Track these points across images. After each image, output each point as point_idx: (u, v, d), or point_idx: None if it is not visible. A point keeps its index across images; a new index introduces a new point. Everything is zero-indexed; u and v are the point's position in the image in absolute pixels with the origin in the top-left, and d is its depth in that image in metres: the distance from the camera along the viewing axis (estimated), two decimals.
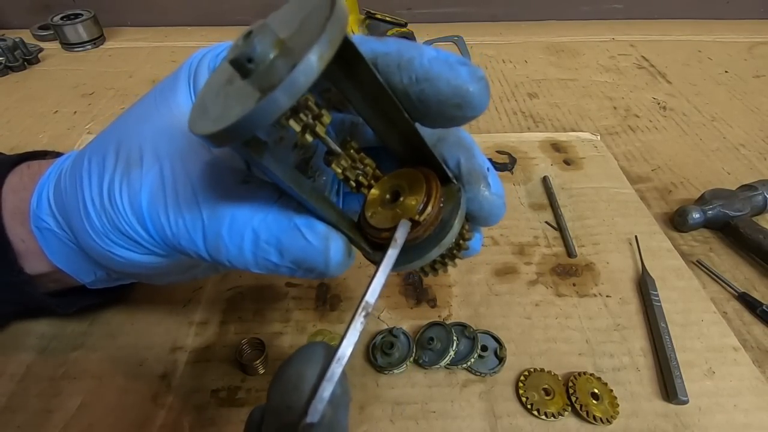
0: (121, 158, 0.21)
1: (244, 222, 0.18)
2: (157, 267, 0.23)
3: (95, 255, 0.23)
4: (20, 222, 0.26)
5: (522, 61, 0.76)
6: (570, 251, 0.42)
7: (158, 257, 0.22)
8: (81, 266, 0.26)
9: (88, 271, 0.27)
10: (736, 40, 0.83)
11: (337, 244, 0.18)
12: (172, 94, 0.22)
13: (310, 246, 0.18)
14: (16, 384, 0.32)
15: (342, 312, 0.37)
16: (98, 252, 0.22)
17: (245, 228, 0.18)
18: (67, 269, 0.26)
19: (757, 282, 0.40)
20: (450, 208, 0.19)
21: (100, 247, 0.22)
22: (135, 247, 0.21)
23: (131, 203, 0.20)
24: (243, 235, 0.18)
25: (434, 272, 0.21)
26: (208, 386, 0.32)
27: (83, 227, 0.22)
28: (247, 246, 0.18)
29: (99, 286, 0.30)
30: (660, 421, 0.31)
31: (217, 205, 0.18)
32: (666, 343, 0.34)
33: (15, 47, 0.70)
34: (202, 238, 0.19)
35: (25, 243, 0.26)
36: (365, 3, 0.65)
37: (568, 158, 0.53)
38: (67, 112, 0.61)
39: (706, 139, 0.58)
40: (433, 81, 0.17)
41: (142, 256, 0.22)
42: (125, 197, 0.20)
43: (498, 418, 0.31)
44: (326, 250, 0.18)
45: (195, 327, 0.35)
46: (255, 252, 0.18)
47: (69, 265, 0.26)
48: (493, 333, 0.35)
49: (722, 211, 0.43)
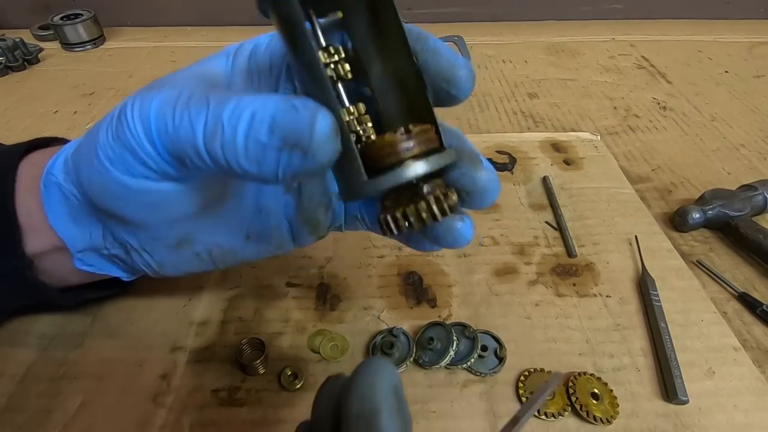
0: (144, 88, 0.21)
1: (246, 105, 0.18)
2: (155, 201, 0.23)
3: (92, 185, 0.23)
4: (32, 195, 0.26)
5: (522, 61, 0.76)
6: (570, 251, 0.42)
7: (156, 181, 0.21)
8: (79, 225, 0.26)
9: (83, 233, 0.26)
10: (736, 40, 0.83)
11: (325, 117, 0.18)
12: (208, 60, 0.24)
13: (298, 117, 0.17)
14: (16, 384, 0.32)
15: (342, 312, 0.37)
16: (96, 179, 0.22)
17: (245, 110, 0.18)
18: (61, 230, 0.26)
19: (757, 282, 0.40)
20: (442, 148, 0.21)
21: (99, 170, 0.21)
22: (142, 170, 0.21)
23: (141, 113, 0.20)
24: (241, 116, 0.18)
25: (405, 220, 0.20)
26: (208, 386, 0.32)
27: (88, 154, 0.22)
28: (242, 126, 0.18)
29: (86, 265, 0.28)
30: (660, 421, 0.31)
31: (226, 96, 0.19)
32: (666, 343, 0.34)
33: (15, 47, 0.70)
34: (202, 125, 0.19)
35: (30, 216, 0.26)
36: None
37: (568, 158, 0.53)
38: (67, 112, 0.62)
39: (706, 139, 0.58)
40: (438, 55, 0.21)
41: (140, 180, 0.21)
42: (137, 109, 0.20)
43: (498, 418, 0.31)
44: (313, 120, 0.17)
45: (195, 327, 0.35)
46: (248, 132, 0.18)
47: (65, 226, 0.26)
48: (493, 333, 0.35)
49: (722, 211, 0.43)
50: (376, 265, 0.40)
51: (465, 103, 0.65)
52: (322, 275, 0.39)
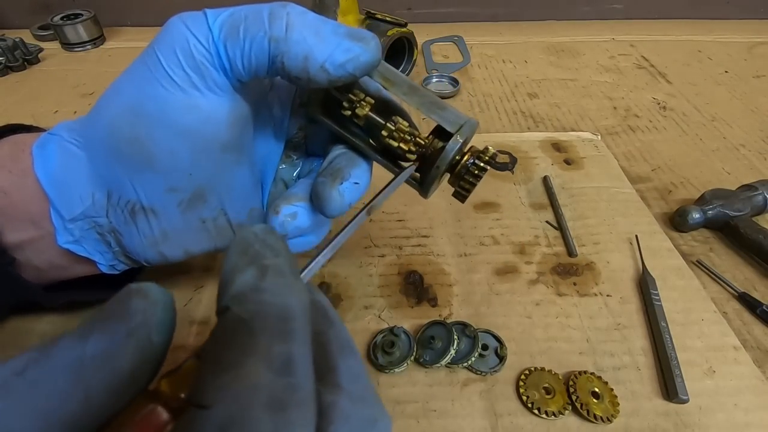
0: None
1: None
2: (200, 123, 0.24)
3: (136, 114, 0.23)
4: (8, 169, 0.24)
5: (522, 61, 0.76)
6: (570, 251, 0.42)
7: (210, 92, 0.23)
8: (78, 183, 0.25)
9: (82, 193, 0.25)
10: (736, 40, 0.83)
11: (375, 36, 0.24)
12: None
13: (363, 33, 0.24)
14: None
15: (342, 311, 0.37)
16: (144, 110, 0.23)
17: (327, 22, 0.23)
18: (54, 191, 0.24)
19: (757, 282, 0.40)
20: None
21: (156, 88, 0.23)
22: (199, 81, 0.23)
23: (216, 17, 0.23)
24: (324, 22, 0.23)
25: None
26: None
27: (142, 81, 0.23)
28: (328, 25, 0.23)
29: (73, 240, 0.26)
30: (660, 420, 0.31)
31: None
32: (666, 342, 0.34)
33: (15, 47, 0.70)
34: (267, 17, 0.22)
35: (7, 195, 0.25)
36: (365, 3, 0.65)
37: (568, 158, 0.53)
38: (67, 112, 0.62)
39: (706, 139, 0.58)
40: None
41: (195, 91, 0.23)
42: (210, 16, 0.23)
43: (499, 416, 0.31)
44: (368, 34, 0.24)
45: (196, 326, 0.35)
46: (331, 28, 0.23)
47: (60, 185, 0.25)
48: (493, 332, 0.35)
49: (722, 211, 0.43)
50: (376, 265, 0.40)
51: (465, 103, 0.66)
52: (322, 274, 0.39)
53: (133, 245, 0.27)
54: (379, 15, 0.64)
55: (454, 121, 0.26)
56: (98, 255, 0.27)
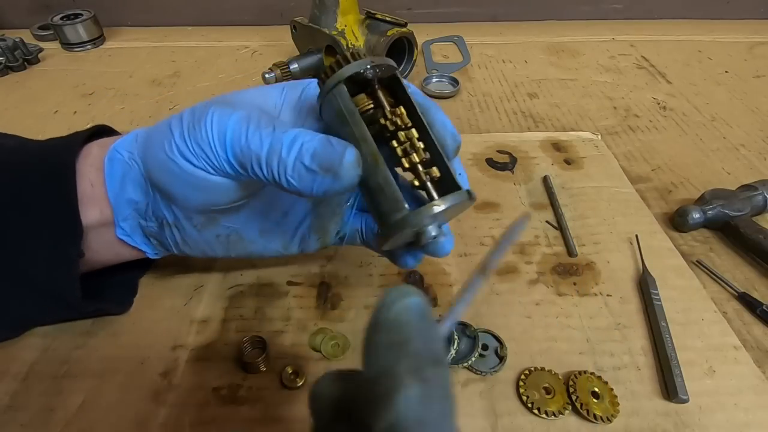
0: (215, 103, 0.26)
1: (299, 137, 0.24)
2: (203, 187, 0.27)
3: (155, 165, 0.28)
4: (96, 168, 0.30)
5: (522, 61, 0.76)
6: (570, 250, 0.42)
7: (212, 174, 0.26)
8: (127, 192, 0.30)
9: (131, 202, 0.30)
10: (736, 40, 0.83)
11: (351, 152, 0.24)
12: (264, 91, 0.29)
13: (333, 150, 0.24)
14: (19, 383, 0.32)
15: (343, 310, 0.37)
16: (161, 162, 0.27)
17: (297, 140, 0.24)
18: (112, 196, 0.30)
19: (757, 282, 0.40)
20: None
21: (167, 157, 0.27)
22: (198, 158, 0.26)
23: (219, 124, 0.25)
24: (294, 143, 0.24)
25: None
26: (209, 384, 0.32)
27: (159, 143, 0.27)
28: (293, 151, 0.24)
29: (126, 234, 0.32)
30: (660, 419, 0.31)
31: (287, 128, 0.25)
32: (666, 342, 0.34)
33: (15, 47, 0.70)
34: (268, 144, 0.24)
35: (93, 187, 0.30)
36: (365, 3, 0.65)
37: (568, 158, 0.53)
38: (67, 112, 0.62)
39: (706, 139, 0.58)
40: (431, 126, 0.26)
41: (198, 171, 0.26)
42: (215, 120, 0.25)
43: (498, 416, 0.31)
44: (342, 153, 0.24)
45: (196, 325, 0.35)
46: (296, 156, 0.24)
47: (116, 192, 0.30)
48: (493, 332, 0.35)
49: (722, 211, 0.43)
50: (377, 264, 0.40)
51: (465, 103, 0.66)
52: (323, 274, 0.39)
53: (165, 243, 0.33)
54: (379, 15, 0.64)
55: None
56: (144, 245, 0.33)
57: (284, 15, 0.84)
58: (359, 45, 0.65)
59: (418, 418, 0.13)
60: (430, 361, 0.14)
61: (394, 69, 0.26)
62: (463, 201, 0.25)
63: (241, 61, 0.75)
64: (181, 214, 0.30)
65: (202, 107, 0.26)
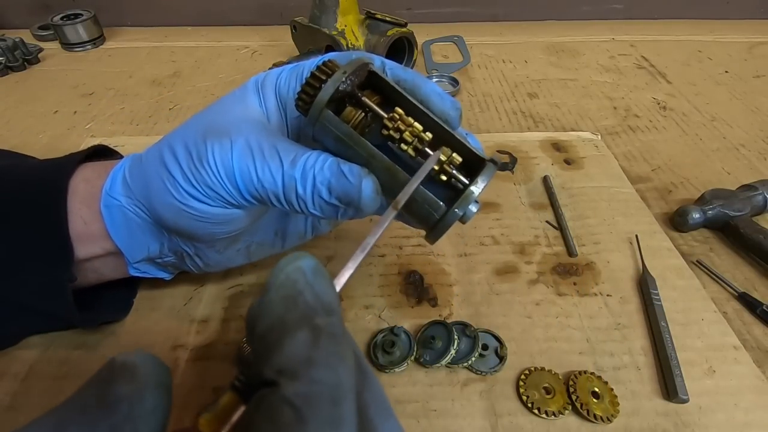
0: (210, 134, 0.25)
1: (309, 166, 0.24)
2: (224, 221, 0.27)
3: (168, 213, 0.27)
4: (87, 205, 0.29)
5: (522, 61, 0.76)
6: (570, 250, 0.42)
7: (230, 208, 0.26)
8: (138, 240, 0.30)
9: (141, 247, 0.30)
10: (736, 40, 0.83)
11: (368, 183, 0.23)
12: (243, 100, 0.28)
13: (349, 184, 0.23)
14: (19, 383, 0.32)
15: (342, 310, 0.37)
16: (173, 209, 0.26)
17: (309, 173, 0.24)
18: (122, 245, 0.30)
19: (757, 282, 0.40)
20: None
21: (179, 203, 0.26)
22: (214, 200, 0.26)
23: (223, 162, 0.25)
24: (306, 178, 0.24)
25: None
26: (210, 384, 0.32)
27: (163, 189, 0.26)
28: (308, 186, 0.24)
29: (139, 272, 0.32)
30: (660, 419, 0.31)
31: (294, 158, 0.24)
32: (666, 341, 0.34)
33: (15, 47, 0.70)
34: (281, 181, 0.24)
35: (87, 225, 0.29)
36: (365, 3, 0.65)
37: (568, 158, 0.53)
38: (67, 112, 0.62)
39: (706, 139, 0.58)
40: (428, 103, 0.26)
41: (216, 208, 0.26)
42: (218, 158, 0.25)
43: (499, 416, 0.31)
44: (359, 185, 0.23)
45: (196, 325, 0.35)
46: (313, 191, 0.24)
47: (126, 241, 0.30)
48: (493, 332, 0.35)
49: (722, 211, 0.43)
50: (377, 264, 0.40)
51: (465, 103, 0.66)
52: None
53: (184, 268, 0.33)
54: (379, 15, 0.64)
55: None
56: (159, 274, 0.34)
57: (284, 15, 0.84)
58: (359, 45, 0.65)
59: (307, 358, 0.14)
60: (320, 311, 0.15)
61: (368, 65, 0.25)
62: (493, 174, 0.25)
63: (241, 61, 0.75)
64: (202, 245, 0.30)
65: (196, 140, 0.25)
